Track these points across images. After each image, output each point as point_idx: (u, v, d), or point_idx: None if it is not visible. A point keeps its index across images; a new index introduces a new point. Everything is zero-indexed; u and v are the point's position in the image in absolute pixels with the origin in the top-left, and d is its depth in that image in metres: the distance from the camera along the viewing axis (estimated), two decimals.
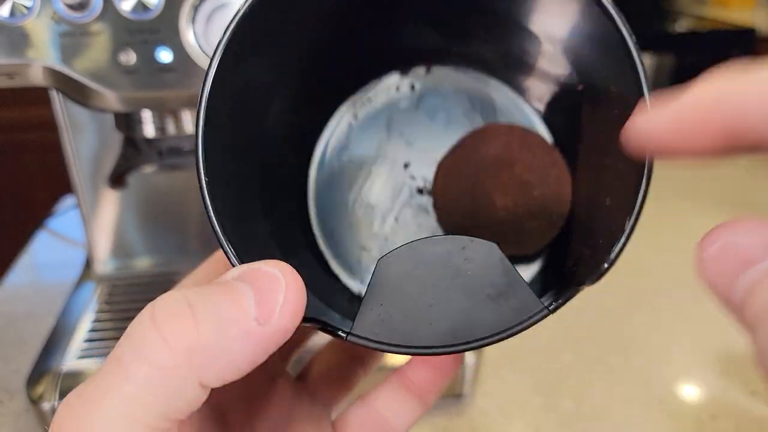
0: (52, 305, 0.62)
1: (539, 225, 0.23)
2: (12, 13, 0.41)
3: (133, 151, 0.55)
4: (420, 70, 0.26)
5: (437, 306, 0.19)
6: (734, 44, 1.60)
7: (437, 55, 0.26)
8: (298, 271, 0.17)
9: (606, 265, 0.18)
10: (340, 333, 0.19)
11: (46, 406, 0.46)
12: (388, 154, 0.27)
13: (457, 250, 0.19)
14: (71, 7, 0.42)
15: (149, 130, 0.50)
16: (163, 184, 0.63)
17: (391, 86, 0.26)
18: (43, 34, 0.42)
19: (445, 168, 0.26)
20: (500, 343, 0.19)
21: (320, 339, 0.24)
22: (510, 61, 0.25)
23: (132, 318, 0.16)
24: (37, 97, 0.58)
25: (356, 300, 0.26)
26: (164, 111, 0.49)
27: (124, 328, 0.15)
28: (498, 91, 0.26)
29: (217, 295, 0.16)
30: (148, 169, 0.56)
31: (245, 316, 0.15)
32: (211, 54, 0.19)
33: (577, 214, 0.23)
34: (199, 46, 0.44)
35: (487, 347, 0.19)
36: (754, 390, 0.52)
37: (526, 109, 0.26)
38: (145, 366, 0.15)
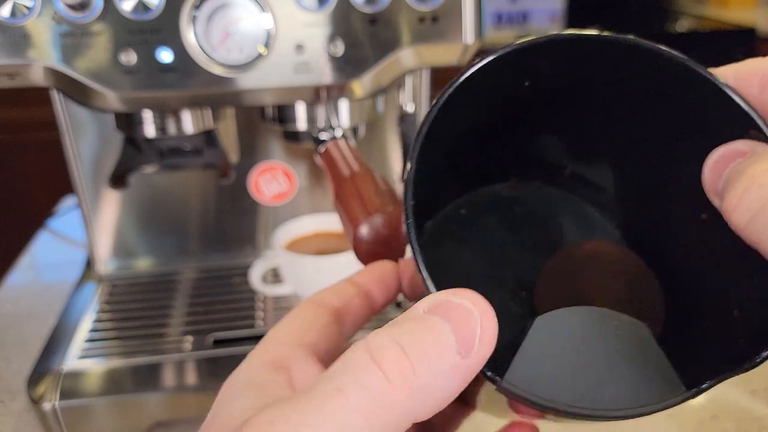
0: (53, 305, 0.62)
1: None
2: (13, 14, 0.41)
3: (134, 151, 0.55)
4: (535, 184, 0.28)
5: (583, 371, 0.19)
6: (734, 44, 1.60)
7: (553, 173, 0.27)
8: None
9: (761, 357, 0.18)
10: (496, 379, 0.18)
11: (47, 406, 0.46)
12: (490, 250, 0.27)
13: (610, 322, 0.20)
14: (72, 7, 0.42)
15: (150, 130, 0.50)
16: (163, 184, 0.63)
17: (503, 191, 0.28)
18: (44, 35, 0.42)
19: (547, 270, 0.27)
20: None
21: None
22: (625, 200, 0.26)
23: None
24: (38, 97, 0.58)
25: None
26: (165, 111, 0.49)
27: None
28: (602, 226, 0.27)
29: (420, 332, 0.16)
30: (149, 169, 0.56)
31: (450, 351, 0.16)
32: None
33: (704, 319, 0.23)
34: (200, 46, 0.44)
35: None
36: (754, 390, 0.52)
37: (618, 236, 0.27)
38: (371, 401, 0.15)
